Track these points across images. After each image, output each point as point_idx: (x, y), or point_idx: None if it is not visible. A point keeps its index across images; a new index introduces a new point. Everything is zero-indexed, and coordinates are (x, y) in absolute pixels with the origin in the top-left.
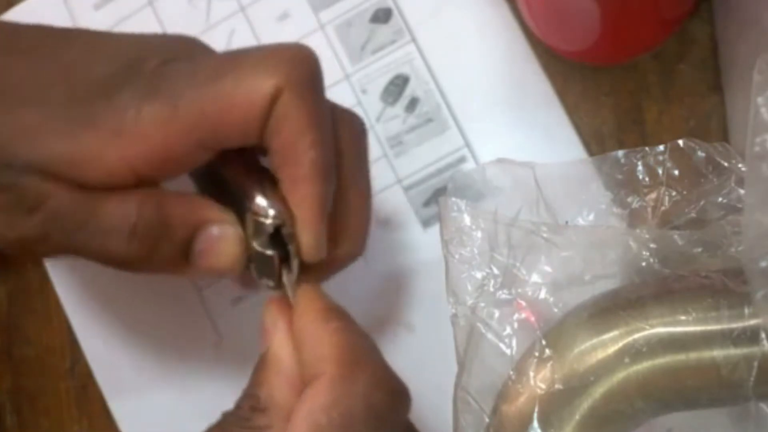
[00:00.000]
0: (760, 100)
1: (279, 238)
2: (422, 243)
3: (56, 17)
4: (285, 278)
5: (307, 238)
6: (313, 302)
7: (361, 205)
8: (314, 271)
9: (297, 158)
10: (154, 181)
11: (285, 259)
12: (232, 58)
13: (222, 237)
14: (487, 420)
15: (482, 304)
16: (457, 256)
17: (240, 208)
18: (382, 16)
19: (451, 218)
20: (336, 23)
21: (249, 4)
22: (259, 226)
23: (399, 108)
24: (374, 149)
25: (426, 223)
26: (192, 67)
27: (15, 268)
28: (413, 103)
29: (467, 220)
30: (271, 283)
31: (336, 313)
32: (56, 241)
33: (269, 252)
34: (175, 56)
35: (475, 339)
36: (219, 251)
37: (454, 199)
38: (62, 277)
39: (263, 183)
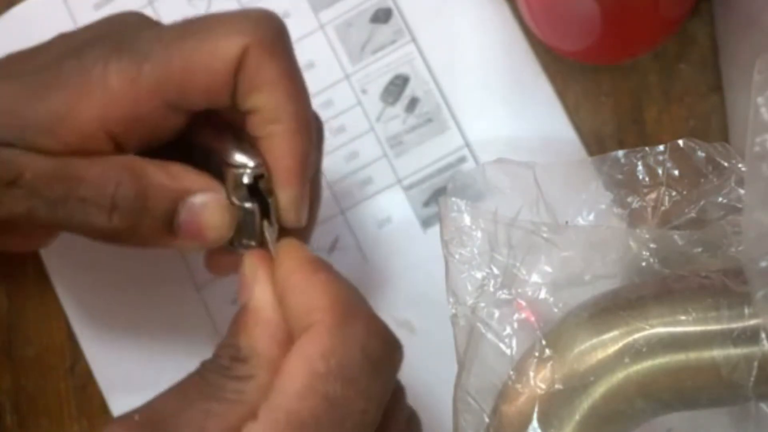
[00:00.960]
0: (760, 100)
1: (257, 194)
2: (422, 243)
3: (56, 17)
4: (266, 232)
5: (289, 194)
6: (298, 253)
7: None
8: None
9: (275, 114)
10: (131, 147)
11: (265, 215)
12: (199, 21)
13: (206, 206)
14: (487, 420)
15: (482, 304)
16: (457, 256)
17: (219, 178)
18: (382, 16)
19: (451, 218)
20: (336, 23)
21: (249, 5)
22: (237, 179)
23: (399, 108)
24: (374, 149)
25: (426, 223)
26: (158, 31)
27: (15, 268)
28: (413, 103)
29: (467, 220)
30: (252, 243)
31: (323, 264)
32: (41, 214)
33: (249, 205)
34: (140, 25)
35: (475, 339)
36: (204, 222)
37: (454, 199)
38: (62, 277)
39: (239, 141)
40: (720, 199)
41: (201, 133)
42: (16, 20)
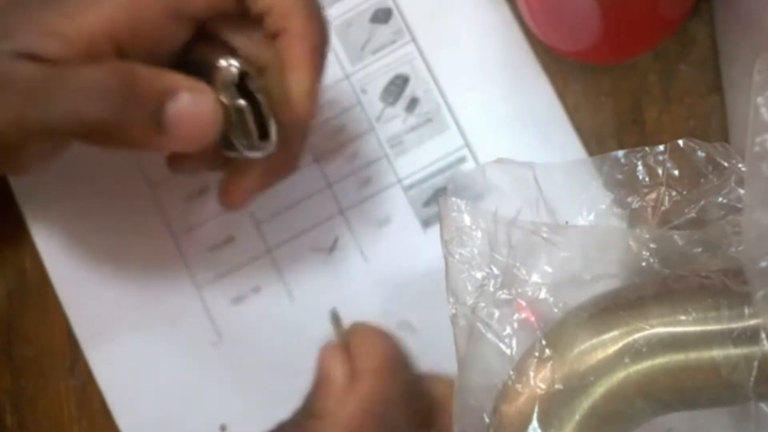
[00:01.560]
0: (760, 100)
1: (247, 95)
2: (422, 243)
3: None
4: (271, 128)
5: (302, 80)
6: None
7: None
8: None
9: (288, 10)
10: (135, 57)
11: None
12: None
13: (196, 101)
14: (487, 420)
15: (482, 304)
16: (457, 256)
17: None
18: (382, 16)
19: (451, 218)
20: (336, 23)
21: None
22: (225, 77)
23: (399, 108)
24: (374, 149)
25: (426, 223)
26: None
27: (15, 268)
28: (413, 103)
29: (467, 220)
30: (245, 142)
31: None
32: (33, 119)
33: (240, 102)
34: None
35: (475, 339)
36: (194, 115)
37: (454, 199)
38: (62, 277)
39: (230, 53)
40: (720, 199)
41: (197, 51)
42: None
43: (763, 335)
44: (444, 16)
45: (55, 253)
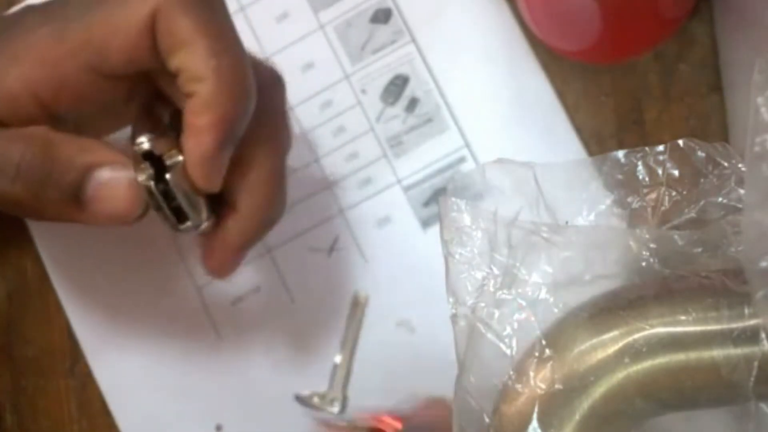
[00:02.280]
0: (760, 100)
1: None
2: (422, 243)
3: None
4: (188, 210)
5: (195, 148)
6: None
7: (270, 165)
8: (233, 234)
9: (197, 72)
10: (62, 114)
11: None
12: None
13: (113, 180)
14: (487, 420)
15: (482, 304)
16: (457, 256)
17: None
18: (382, 16)
19: (451, 218)
20: (336, 23)
21: (249, 4)
22: (135, 157)
23: (399, 108)
24: (374, 149)
25: (426, 223)
26: None
27: (15, 269)
28: (413, 103)
29: (467, 220)
30: (170, 220)
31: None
32: None
33: (140, 177)
34: None
35: (475, 339)
36: (111, 196)
37: (454, 199)
38: (62, 277)
39: (155, 121)
40: (720, 199)
41: (137, 112)
42: None
43: (763, 335)
44: (444, 16)
45: (55, 253)
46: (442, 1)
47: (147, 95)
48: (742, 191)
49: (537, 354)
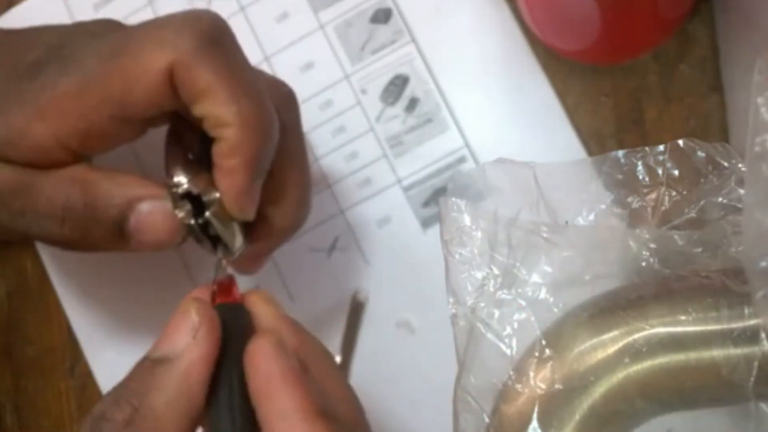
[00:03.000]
0: (760, 100)
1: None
2: (422, 243)
3: (56, 17)
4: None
5: (230, 187)
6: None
7: (295, 176)
8: (257, 242)
9: (220, 119)
10: (89, 155)
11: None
12: (131, 33)
13: (152, 212)
14: (487, 420)
15: (482, 304)
16: (457, 256)
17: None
18: (382, 16)
19: (451, 218)
20: (336, 23)
21: (249, 4)
22: (173, 196)
23: (399, 108)
24: (374, 149)
25: (426, 223)
26: (100, 44)
27: (15, 268)
28: (413, 103)
29: (467, 220)
30: (208, 247)
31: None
32: (4, 223)
33: (180, 214)
34: (94, 37)
35: (475, 339)
36: (152, 227)
37: (454, 199)
38: (62, 277)
39: (185, 156)
40: (720, 199)
41: (168, 139)
42: (16, 20)
43: (763, 335)
44: (444, 16)
45: (55, 253)
46: (442, 1)
47: (172, 122)
48: (742, 191)
49: (537, 354)
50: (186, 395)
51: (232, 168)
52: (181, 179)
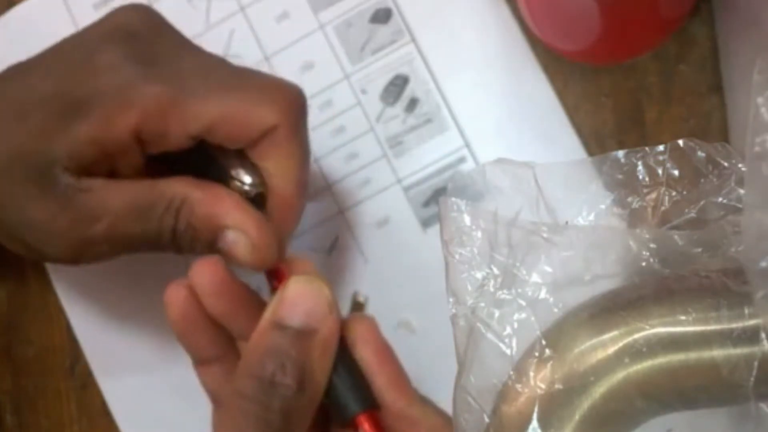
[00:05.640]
0: (760, 100)
1: (257, 206)
2: (422, 243)
3: (56, 17)
4: None
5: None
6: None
7: (299, 162)
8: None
9: (280, 178)
10: (149, 153)
11: None
12: (243, 75)
13: (236, 242)
14: (487, 420)
15: (482, 304)
16: (457, 256)
17: (218, 177)
18: (382, 16)
19: (451, 218)
20: (336, 23)
21: (249, 4)
22: (241, 192)
23: (399, 108)
24: (374, 149)
25: (426, 223)
26: (199, 64)
27: (15, 268)
28: (413, 104)
29: (467, 220)
30: None
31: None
32: (112, 247)
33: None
34: (160, 33)
35: (475, 339)
36: (237, 253)
37: (454, 199)
38: (62, 277)
39: (242, 159)
40: (720, 199)
41: (210, 146)
42: (17, 20)
43: (763, 335)
44: (444, 17)
45: None
46: (442, 1)
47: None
48: (742, 191)
49: (537, 354)
50: (329, 362)
51: (280, 222)
52: (247, 178)
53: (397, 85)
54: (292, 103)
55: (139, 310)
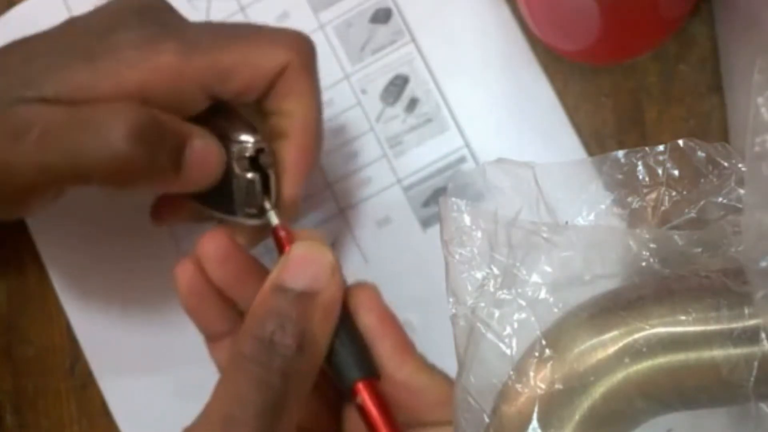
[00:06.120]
0: (760, 100)
1: (258, 167)
2: (422, 243)
3: (56, 17)
4: (266, 203)
5: (292, 193)
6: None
7: (313, 105)
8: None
9: (298, 118)
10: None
11: (265, 185)
12: (245, 27)
13: (207, 147)
14: (487, 420)
15: (482, 304)
16: (457, 256)
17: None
18: (382, 16)
19: (451, 218)
20: (336, 23)
21: (249, 4)
22: (241, 152)
23: (399, 108)
24: (374, 149)
25: (426, 223)
26: (205, 25)
27: (15, 268)
28: (413, 104)
29: (467, 220)
30: (253, 211)
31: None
32: (54, 162)
33: (250, 175)
34: (167, 10)
35: (475, 339)
36: (207, 160)
37: (454, 199)
38: (62, 277)
39: (244, 123)
40: (720, 199)
41: (213, 116)
42: (17, 20)
43: (763, 335)
44: (444, 17)
45: (55, 253)
46: (442, 2)
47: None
48: (742, 191)
49: (537, 354)
50: (330, 326)
51: (296, 171)
52: (248, 137)
53: (397, 85)
54: (301, 43)
55: (140, 310)
